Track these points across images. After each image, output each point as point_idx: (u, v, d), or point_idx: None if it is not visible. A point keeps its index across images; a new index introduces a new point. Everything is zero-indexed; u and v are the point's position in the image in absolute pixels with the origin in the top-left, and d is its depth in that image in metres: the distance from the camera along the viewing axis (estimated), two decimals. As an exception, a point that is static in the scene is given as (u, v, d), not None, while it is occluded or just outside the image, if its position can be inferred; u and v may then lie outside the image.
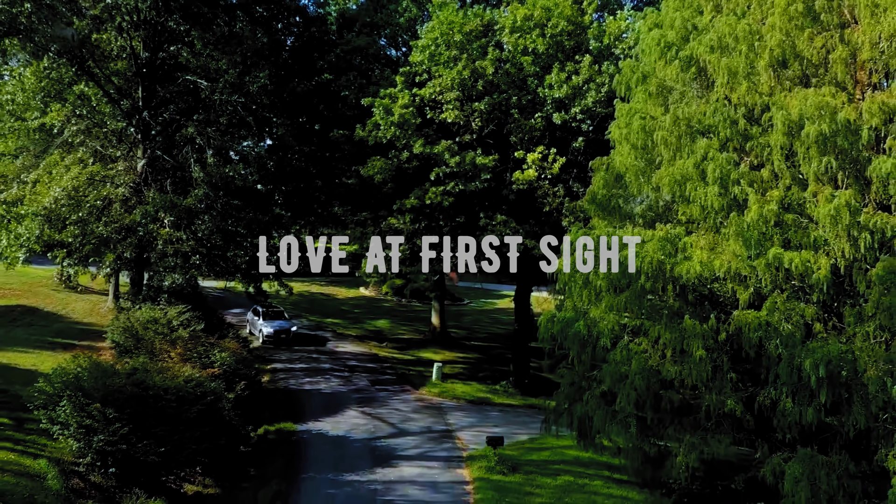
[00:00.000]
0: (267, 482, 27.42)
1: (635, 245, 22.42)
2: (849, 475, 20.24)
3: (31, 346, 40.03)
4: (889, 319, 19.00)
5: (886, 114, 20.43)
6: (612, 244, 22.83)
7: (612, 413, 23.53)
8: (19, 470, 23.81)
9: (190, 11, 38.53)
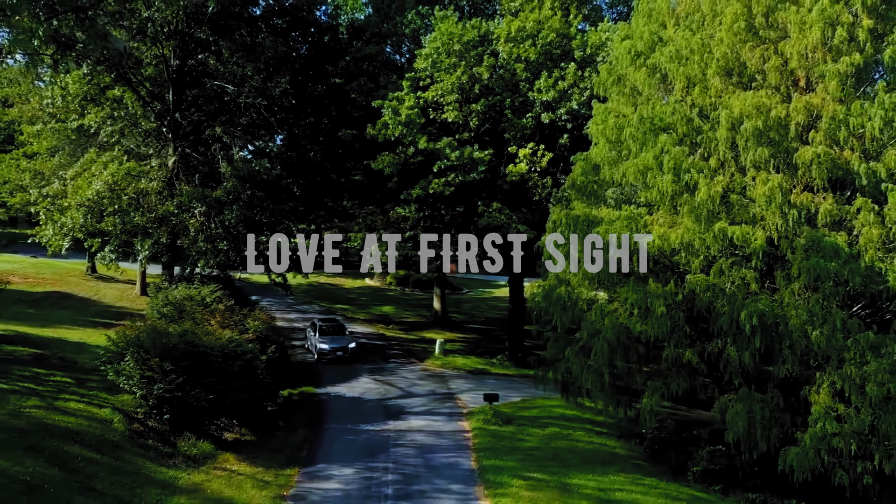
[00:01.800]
0: (295, 431, 31.64)
1: (605, 222, 26.68)
2: (780, 409, 24.51)
3: (75, 324, 44.23)
4: (809, 279, 23.23)
5: (810, 112, 24.72)
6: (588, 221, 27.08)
7: (589, 365, 27.75)
8: (89, 416, 28.05)
9: (217, 24, 42.79)
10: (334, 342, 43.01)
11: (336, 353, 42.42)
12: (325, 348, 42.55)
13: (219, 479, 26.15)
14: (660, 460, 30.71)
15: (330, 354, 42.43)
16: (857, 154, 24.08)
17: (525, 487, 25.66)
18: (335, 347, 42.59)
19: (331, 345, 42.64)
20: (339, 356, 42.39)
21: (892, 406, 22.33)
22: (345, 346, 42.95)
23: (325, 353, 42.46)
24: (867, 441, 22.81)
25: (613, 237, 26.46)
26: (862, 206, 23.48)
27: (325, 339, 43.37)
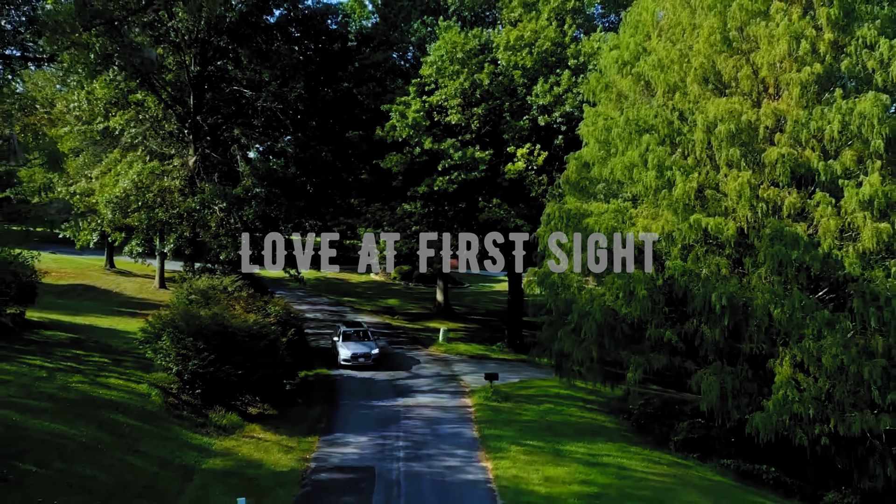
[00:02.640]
0: (312, 406, 34.52)
1: (595, 214, 29.53)
2: (748, 380, 27.40)
3: (102, 313, 47.08)
4: (774, 264, 26.09)
5: (777, 116, 27.59)
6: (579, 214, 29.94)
7: (579, 342, 30.59)
8: (129, 390, 30.94)
9: (236, 33, 45.65)
10: (356, 348, 42.10)
11: (358, 359, 41.40)
12: (347, 354, 41.59)
13: (248, 445, 29.03)
14: (645, 432, 33.57)
15: (352, 361, 41.39)
16: (817, 154, 26.91)
17: (521, 452, 28.52)
18: (357, 354, 41.54)
19: (353, 351, 41.71)
20: (361, 363, 41.34)
21: (845, 375, 25.18)
22: (367, 353, 41.79)
23: (347, 359, 41.46)
24: (824, 406, 25.65)
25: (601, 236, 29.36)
26: (821, 200, 26.32)
27: (348, 344, 42.51)
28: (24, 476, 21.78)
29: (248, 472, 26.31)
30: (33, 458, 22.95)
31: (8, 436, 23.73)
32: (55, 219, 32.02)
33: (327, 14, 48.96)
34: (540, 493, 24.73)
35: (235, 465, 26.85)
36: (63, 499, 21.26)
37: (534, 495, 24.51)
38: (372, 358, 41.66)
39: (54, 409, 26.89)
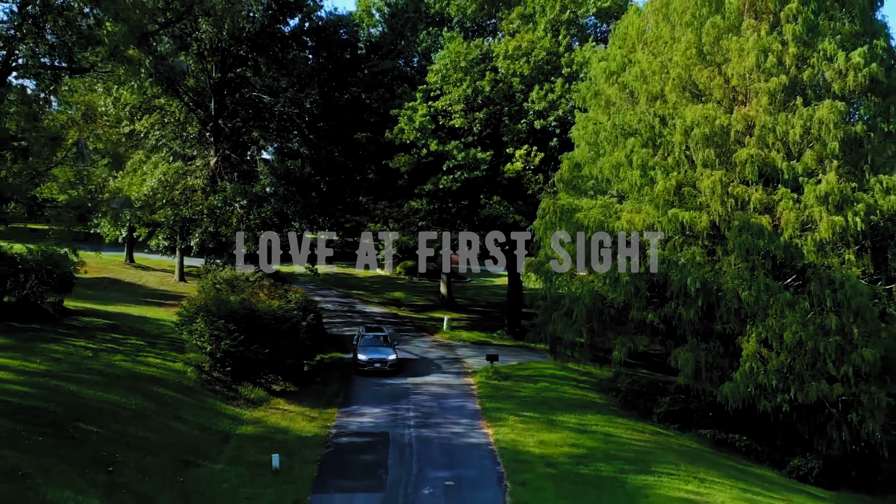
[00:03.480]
0: (329, 384, 37.78)
1: (585, 209, 32.77)
2: (720, 355, 30.63)
3: (131, 302, 50.24)
4: (741, 252, 29.31)
5: (746, 121, 30.79)
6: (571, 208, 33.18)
7: (571, 324, 33.81)
8: (166, 368, 34.18)
9: (255, 42, 48.87)
10: (373, 353, 40.68)
11: (374, 364, 40.11)
12: (363, 359, 40.28)
13: (275, 415, 32.29)
14: (631, 407, 36.77)
15: (367, 366, 40.04)
16: (781, 155, 30.12)
17: (519, 421, 31.75)
18: (373, 359, 40.19)
19: (369, 356, 40.37)
20: (377, 368, 40.03)
21: (804, 350, 28.36)
22: (383, 359, 40.29)
23: (363, 364, 40.15)
24: (785, 377, 28.84)
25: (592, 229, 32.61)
26: (783, 196, 29.54)
27: (365, 349, 41.11)
28: (87, 435, 25.04)
29: (277, 436, 29.56)
30: (93, 421, 26.22)
31: (69, 403, 26.99)
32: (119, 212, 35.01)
33: (339, 25, 52.21)
34: (535, 453, 27.96)
35: (265, 431, 30.13)
36: (123, 453, 24.53)
37: (529, 455, 27.74)
38: (388, 364, 40.36)
39: (104, 383, 30.15)
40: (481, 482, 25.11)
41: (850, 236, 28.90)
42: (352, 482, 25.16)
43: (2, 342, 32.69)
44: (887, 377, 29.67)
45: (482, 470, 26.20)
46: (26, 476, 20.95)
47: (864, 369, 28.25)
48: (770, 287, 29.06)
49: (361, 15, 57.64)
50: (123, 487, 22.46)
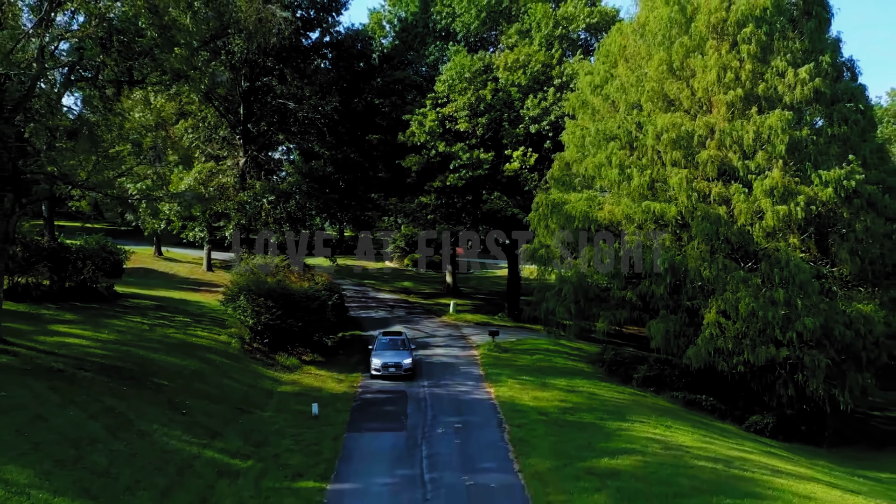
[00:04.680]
0: (352, 355, 42.97)
1: (573, 202, 37.93)
2: (686, 325, 35.75)
3: (170, 289, 55.36)
4: (703, 237, 34.45)
5: (708, 127, 35.90)
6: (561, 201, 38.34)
7: (562, 301, 38.97)
8: (213, 339, 39.39)
9: (280, 55, 54.05)
10: (388, 357, 38.79)
11: (388, 368, 38.11)
12: (378, 363, 38.35)
13: (308, 378, 37.52)
14: (615, 375, 41.85)
15: (382, 370, 38.14)
16: (737, 155, 35.24)
17: (516, 383, 36.86)
18: (387, 363, 38.26)
19: (383, 360, 38.51)
20: (392, 373, 38.04)
21: (755, 318, 33.42)
22: (398, 363, 38.35)
23: (378, 368, 38.25)
24: (740, 342, 33.96)
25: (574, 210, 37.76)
26: (736, 190, 34.69)
27: (381, 353, 39.35)
28: (160, 387, 30.26)
29: (312, 393, 34.76)
30: (163, 376, 31.46)
31: (141, 363, 32.21)
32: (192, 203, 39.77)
33: (356, 38, 57.40)
34: (529, 405, 33.09)
35: (302, 389, 35.36)
36: (191, 401, 29.72)
37: (524, 406, 32.86)
38: (403, 368, 38.34)
39: (164, 349, 35.38)
40: (484, 425, 30.24)
41: (793, 223, 34.04)
42: (378, 424, 30.34)
43: (72, 318, 37.91)
44: (826, 342, 34.66)
45: (485, 416, 31.35)
46: (121, 414, 26.16)
47: (806, 336, 33.35)
48: (728, 266, 34.21)
49: (374, 27, 62.79)
50: (196, 424, 27.64)
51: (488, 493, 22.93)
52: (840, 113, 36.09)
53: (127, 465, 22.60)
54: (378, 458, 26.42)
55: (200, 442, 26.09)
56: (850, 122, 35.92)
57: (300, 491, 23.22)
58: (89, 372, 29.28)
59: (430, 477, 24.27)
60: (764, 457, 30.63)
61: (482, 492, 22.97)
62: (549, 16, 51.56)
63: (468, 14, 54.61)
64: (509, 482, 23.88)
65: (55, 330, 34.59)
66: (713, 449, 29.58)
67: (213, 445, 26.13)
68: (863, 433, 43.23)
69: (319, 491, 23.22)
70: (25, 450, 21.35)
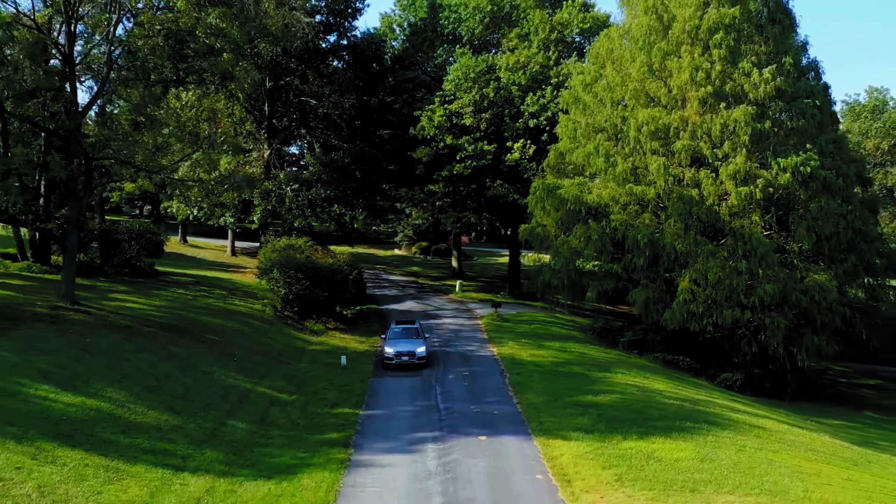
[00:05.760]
0: (370, 324, 47.96)
1: (565, 186, 42.89)
2: (664, 292, 40.67)
3: (201, 269, 60.36)
4: (677, 215, 39.37)
5: (683, 120, 40.81)
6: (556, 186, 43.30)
7: (556, 273, 43.90)
8: (249, 308, 44.41)
9: (302, 57, 59.03)
10: (401, 346, 37.13)
11: (401, 357, 36.47)
12: (390, 352, 36.70)
13: (333, 340, 42.52)
14: (603, 340, 46.72)
15: (395, 359, 36.44)
16: (707, 145, 40.11)
17: (516, 344, 41.74)
18: (400, 352, 36.60)
19: (396, 348, 36.83)
20: (405, 361, 36.40)
21: (722, 286, 38.30)
22: (412, 351, 36.66)
23: (390, 357, 36.58)
24: (710, 306, 38.84)
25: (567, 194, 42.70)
26: (706, 175, 39.60)
27: (393, 342, 37.72)
28: (212, 341, 35.27)
29: (338, 351, 39.67)
30: (213, 333, 36.47)
31: (193, 323, 37.20)
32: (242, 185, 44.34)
33: (371, 42, 62.40)
34: (527, 360, 37.99)
35: (329, 348, 40.36)
36: (238, 353, 34.72)
37: (523, 360, 37.72)
38: (417, 357, 36.63)
39: (209, 314, 40.42)
40: (488, 374, 35.19)
41: (755, 203, 38.90)
42: (398, 373, 35.36)
43: (124, 289, 42.92)
44: (785, 307, 39.45)
45: (489, 367, 36.31)
46: (185, 359, 31.18)
47: (767, 300, 38.22)
48: (699, 241, 39.11)
49: (385, 31, 67.73)
50: (245, 369, 32.66)
51: (491, 416, 27.91)
52: (799, 108, 40.89)
53: (197, 394, 27.67)
54: (400, 394, 31.45)
55: (251, 381, 31.14)
56: (808, 116, 40.69)
57: (339, 415, 28.24)
58: (152, 328, 34.26)
59: (444, 406, 29.30)
60: (727, 401, 35.61)
61: (486, 415, 27.95)
62: (546, 21, 56.47)
63: (473, 19, 59.52)
64: (509, 410, 28.89)
65: (113, 297, 39.60)
66: (683, 393, 34.53)
67: (262, 384, 31.17)
68: (826, 393, 48.15)
69: (354, 415, 28.25)
70: (118, 378, 26.36)
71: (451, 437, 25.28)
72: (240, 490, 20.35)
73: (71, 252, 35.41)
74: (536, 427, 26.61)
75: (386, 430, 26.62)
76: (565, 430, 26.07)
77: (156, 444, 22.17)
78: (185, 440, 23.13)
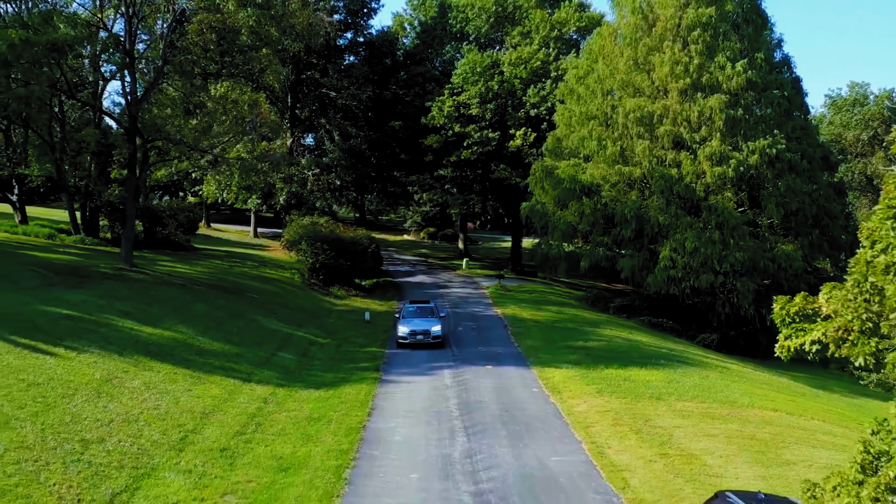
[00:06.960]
0: (387, 292, 52.91)
1: (562, 168, 47.77)
2: (648, 260, 45.52)
3: (230, 247, 65.40)
4: (659, 191, 44.25)
5: (665, 108, 45.65)
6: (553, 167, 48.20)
7: (553, 246, 48.78)
8: (279, 276, 49.36)
9: (322, 53, 63.97)
10: (416, 324, 35.49)
11: (416, 336, 34.83)
12: (404, 331, 35.08)
13: (356, 302, 47.45)
14: (596, 306, 51.57)
15: (409, 338, 34.79)
16: (686, 129, 44.90)
17: (517, 307, 46.59)
18: (415, 330, 34.99)
19: (411, 327, 35.20)
20: (420, 340, 34.74)
21: (698, 254, 43.02)
22: (427, 330, 35.04)
23: (404, 337, 34.93)
24: (688, 272, 43.57)
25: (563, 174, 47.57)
26: (684, 157, 44.42)
27: (408, 321, 35.99)
28: (253, 298, 40.23)
29: (361, 310, 44.65)
30: (253, 293, 41.43)
31: (235, 284, 42.17)
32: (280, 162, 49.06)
33: (385, 39, 67.34)
34: (527, 318, 42.87)
35: (353, 308, 45.27)
36: (277, 309, 39.67)
37: (523, 318, 42.58)
38: (432, 336, 34.94)
39: (247, 279, 45.41)
40: (493, 327, 40.10)
41: (728, 181, 43.72)
42: (415, 326, 40.37)
43: (168, 259, 47.80)
44: (755, 273, 44.23)
45: (493, 323, 41.23)
46: (234, 310, 36.12)
47: (737, 266, 42.98)
48: (678, 214, 43.94)
49: (397, 29, 72.63)
50: (285, 320, 37.59)
51: (496, 354, 32.85)
52: (768, 98, 45.70)
53: (249, 334, 32.64)
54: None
55: (291, 328, 36.10)
56: (775, 105, 45.50)
57: (368, 352, 33.22)
58: (202, 287, 39.21)
59: (457, 348, 34.26)
60: (702, 353, 40.52)
61: (492, 353, 32.89)
62: (545, 20, 61.33)
63: (479, 19, 64.39)
64: (511, 351, 33.85)
65: (162, 264, 44.51)
66: (663, 344, 39.39)
67: (301, 330, 36.13)
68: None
69: (381, 353, 33.23)
70: (184, 319, 31.29)
71: (463, 367, 30.25)
72: (295, 395, 25.31)
73: (130, 221, 40.33)
74: (534, 360, 31.56)
75: (408, 362, 31.58)
76: (558, 363, 31.00)
77: (224, 363, 27.12)
78: (247, 363, 28.09)
